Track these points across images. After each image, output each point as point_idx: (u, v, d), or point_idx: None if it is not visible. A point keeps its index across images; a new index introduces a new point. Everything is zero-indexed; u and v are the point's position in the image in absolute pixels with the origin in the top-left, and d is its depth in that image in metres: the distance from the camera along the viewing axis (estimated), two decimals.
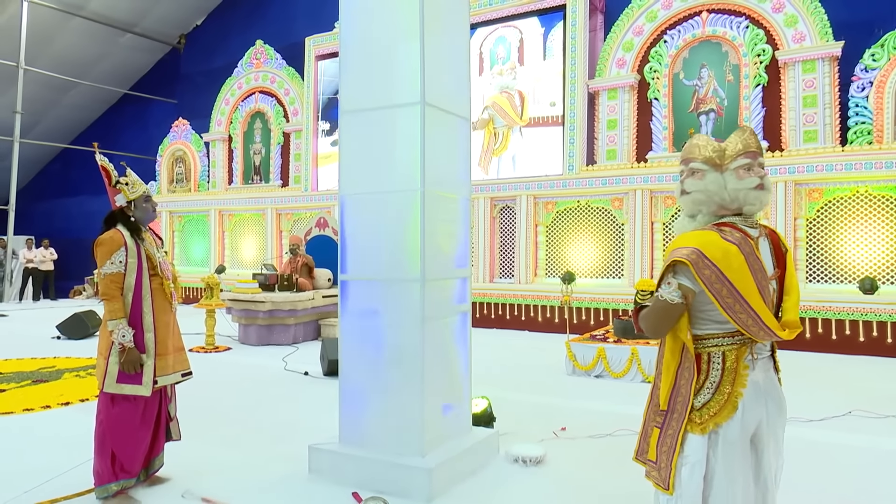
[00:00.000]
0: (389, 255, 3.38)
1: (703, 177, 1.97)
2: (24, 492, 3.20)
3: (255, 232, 13.77)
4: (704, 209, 1.99)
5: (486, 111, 10.80)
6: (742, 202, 1.95)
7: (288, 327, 8.21)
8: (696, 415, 1.90)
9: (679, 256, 1.86)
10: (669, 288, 1.88)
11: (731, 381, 1.89)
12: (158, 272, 3.18)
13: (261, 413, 4.86)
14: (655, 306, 1.92)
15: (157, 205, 3.35)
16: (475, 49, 11.08)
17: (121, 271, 3.05)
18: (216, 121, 14.34)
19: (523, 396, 5.32)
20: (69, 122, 18.42)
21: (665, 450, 1.96)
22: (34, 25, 14.64)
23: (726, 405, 1.88)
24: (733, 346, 1.91)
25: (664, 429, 1.98)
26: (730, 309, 1.84)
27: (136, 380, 3.02)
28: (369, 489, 3.17)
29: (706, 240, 1.87)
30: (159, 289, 3.18)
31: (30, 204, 19.29)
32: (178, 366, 3.26)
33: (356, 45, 3.52)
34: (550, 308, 9.56)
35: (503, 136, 10.71)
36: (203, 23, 16.49)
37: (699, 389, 1.92)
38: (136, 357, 3.02)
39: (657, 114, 9.45)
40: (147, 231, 3.28)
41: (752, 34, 8.70)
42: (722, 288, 1.82)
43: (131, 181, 3.23)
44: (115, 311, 3.02)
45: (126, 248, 3.08)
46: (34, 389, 5.61)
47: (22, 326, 10.24)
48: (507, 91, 10.71)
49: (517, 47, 10.68)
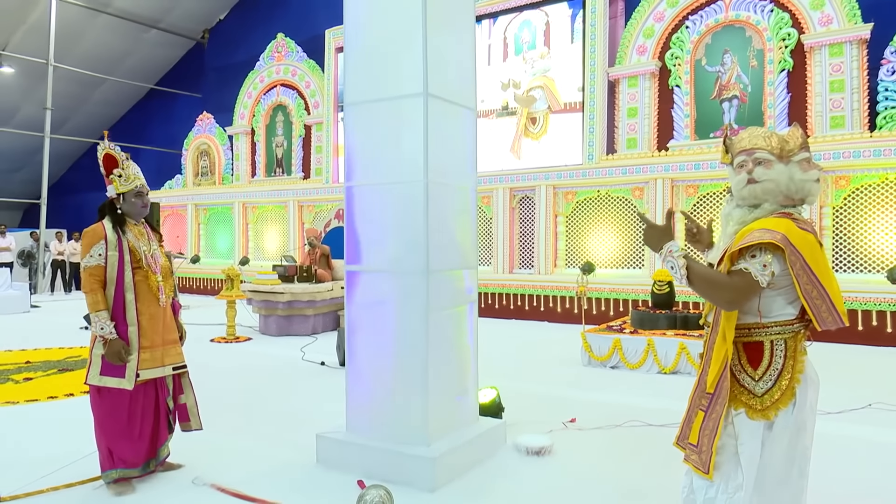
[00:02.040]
0: (394, 245, 3.39)
1: (771, 166, 1.99)
2: (42, 476, 3.30)
3: (277, 224, 13.93)
4: (771, 199, 2.00)
5: (537, 91, 10.67)
6: (806, 193, 1.99)
7: (307, 318, 8.30)
8: (758, 402, 1.93)
9: (771, 239, 1.85)
10: (763, 269, 1.88)
11: (792, 367, 1.93)
12: (143, 265, 3.15)
13: (275, 402, 4.93)
14: (740, 280, 1.89)
15: (149, 201, 3.30)
16: (499, 35, 10.96)
17: (100, 264, 3.06)
18: (239, 114, 14.50)
19: (536, 387, 5.31)
20: (98, 118, 18.79)
21: (707, 433, 1.98)
22: (63, 23, 14.94)
23: (787, 392, 1.92)
24: (793, 333, 1.95)
25: (708, 412, 1.99)
26: (808, 295, 1.87)
27: (118, 372, 3.02)
28: (375, 477, 3.20)
29: (789, 227, 1.89)
30: (143, 282, 3.15)
31: (60, 198, 19.76)
32: (168, 359, 3.22)
33: (360, 37, 3.52)
34: (570, 299, 9.50)
35: (544, 120, 10.60)
36: (226, 17, 16.65)
37: (761, 377, 1.94)
38: (118, 347, 3.01)
39: (679, 101, 9.29)
40: (139, 224, 3.25)
41: (776, 18, 8.49)
42: (804, 274, 1.86)
43: (126, 174, 3.18)
44: (94, 304, 3.03)
45: (106, 240, 3.08)
46: (59, 378, 5.77)
47: (52, 317, 10.54)
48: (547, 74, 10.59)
49: (543, 31, 10.52)
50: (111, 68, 16.89)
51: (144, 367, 3.09)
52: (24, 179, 19.32)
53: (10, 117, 17.07)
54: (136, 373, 3.05)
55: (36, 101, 16.01)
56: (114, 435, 3.08)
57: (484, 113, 11.05)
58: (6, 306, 10.98)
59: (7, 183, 19.44)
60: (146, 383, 3.16)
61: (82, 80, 16.58)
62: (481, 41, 11.10)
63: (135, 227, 3.22)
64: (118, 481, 3.12)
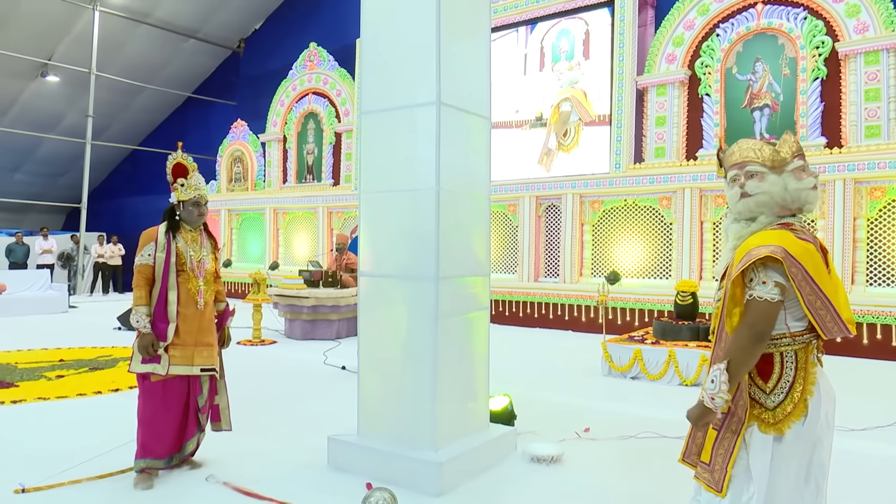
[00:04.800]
0: (405, 252, 3.44)
1: (764, 178, 1.97)
2: (64, 469, 3.42)
3: (307, 229, 14.13)
4: (767, 211, 1.98)
5: (566, 104, 10.64)
6: (803, 202, 1.98)
7: (331, 322, 8.41)
8: (770, 415, 1.90)
9: (768, 253, 1.83)
10: (766, 287, 1.85)
11: (803, 379, 1.90)
12: (186, 269, 3.36)
13: (293, 405, 5.01)
14: (757, 309, 1.86)
15: (206, 212, 3.52)
16: (535, 44, 10.89)
17: (149, 263, 3.30)
18: (272, 121, 14.79)
19: (553, 396, 5.29)
20: (138, 125, 19.36)
21: (722, 452, 1.95)
22: (105, 34, 15.47)
23: (799, 404, 1.88)
24: (803, 345, 1.92)
25: (722, 430, 1.97)
26: (811, 306, 1.85)
27: (155, 360, 3.24)
28: (383, 481, 3.24)
29: (786, 238, 1.87)
30: (185, 284, 3.36)
31: (101, 202, 20.40)
32: (199, 360, 3.36)
33: (375, 46, 3.59)
34: (594, 308, 9.43)
35: (575, 132, 10.56)
36: (261, 27, 17.02)
37: (772, 389, 1.92)
38: (148, 341, 3.22)
39: (708, 110, 9.17)
40: (195, 231, 3.47)
41: (810, 26, 8.33)
42: (806, 286, 1.84)
43: (188, 184, 3.43)
44: (137, 298, 3.29)
45: (156, 242, 3.32)
46: (90, 376, 5.96)
47: (89, 317, 10.87)
48: (575, 86, 10.53)
49: (582, 40, 10.38)
50: (151, 77, 17.40)
51: (175, 363, 3.27)
52: (66, 184, 19.99)
53: (54, 125, 17.69)
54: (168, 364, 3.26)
55: (79, 108, 16.58)
56: (144, 423, 3.28)
57: (517, 123, 11.01)
58: (45, 306, 11.37)
59: (51, 188, 20.14)
60: (179, 379, 3.34)
61: (123, 88, 17.10)
62: (516, 50, 11.05)
63: (189, 232, 3.44)
64: (144, 471, 3.27)
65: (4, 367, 6.32)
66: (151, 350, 3.22)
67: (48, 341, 8.04)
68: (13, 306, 11.00)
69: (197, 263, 3.41)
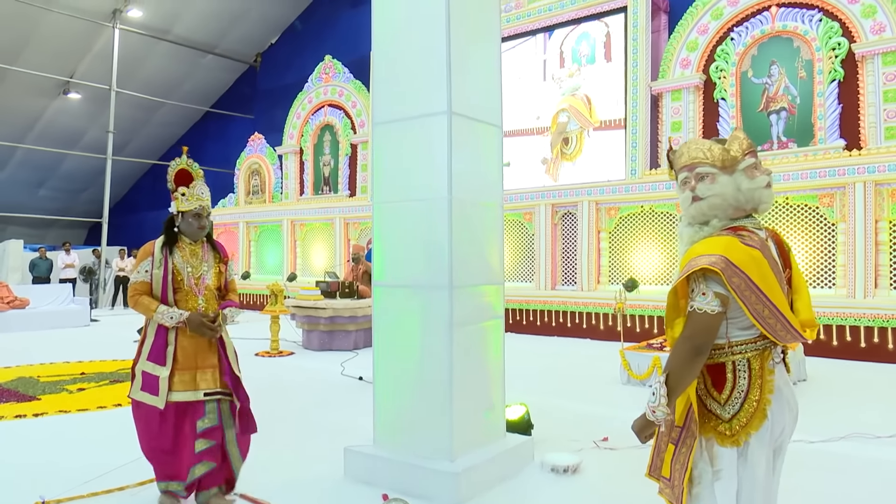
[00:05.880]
0: (420, 262, 3.44)
1: (715, 180, 1.88)
2: (84, 482, 3.45)
3: (324, 241, 14.22)
4: (720, 213, 1.89)
5: (563, 114, 10.65)
6: (757, 202, 1.89)
7: (349, 333, 8.43)
8: (726, 427, 1.82)
9: (706, 264, 1.76)
10: (706, 298, 1.78)
11: (759, 387, 1.82)
12: (183, 287, 3.07)
13: (311, 415, 5.02)
14: (696, 322, 1.79)
15: (208, 224, 3.18)
16: (555, 49, 10.85)
17: (145, 280, 3.04)
18: (288, 134, 14.94)
19: (571, 405, 5.25)
20: (157, 140, 19.67)
21: (678, 467, 1.88)
22: (125, 51, 15.77)
23: (756, 414, 1.80)
24: (757, 352, 1.84)
25: (679, 445, 1.90)
26: (758, 315, 1.77)
27: (153, 390, 2.97)
28: (399, 491, 3.23)
29: (730, 246, 1.79)
30: (183, 302, 3.06)
31: (122, 217, 20.71)
32: (203, 384, 3.04)
33: (386, 58, 3.62)
34: (612, 316, 9.35)
35: (577, 141, 10.55)
36: (277, 41, 17.25)
37: (727, 400, 1.84)
38: (197, 320, 2.98)
39: (724, 114, 9.09)
40: (196, 244, 3.16)
41: (825, 28, 8.24)
42: (751, 295, 1.76)
43: (189, 193, 3.12)
44: (147, 308, 2.99)
45: (153, 258, 3.06)
46: (110, 389, 6.03)
47: (109, 331, 11.01)
48: (576, 94, 10.54)
49: (603, 42, 10.30)
50: (170, 92, 17.68)
51: (176, 390, 2.99)
52: (88, 199, 20.34)
53: (76, 141, 18.04)
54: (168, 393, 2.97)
55: (100, 125, 16.89)
56: (149, 448, 3.08)
57: (538, 130, 10.98)
58: (67, 320, 11.54)
59: (73, 203, 20.52)
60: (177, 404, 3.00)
61: (143, 104, 17.41)
62: (535, 56, 11.05)
63: (189, 246, 3.14)
64: (166, 493, 3.11)
65: (27, 380, 6.42)
66: (206, 324, 2.98)
67: (70, 354, 8.16)
68: (36, 320, 11.19)
69: (196, 280, 3.10)
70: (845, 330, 7.58)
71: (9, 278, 14.59)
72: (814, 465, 3.74)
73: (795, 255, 8.20)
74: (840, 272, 7.91)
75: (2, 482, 3.55)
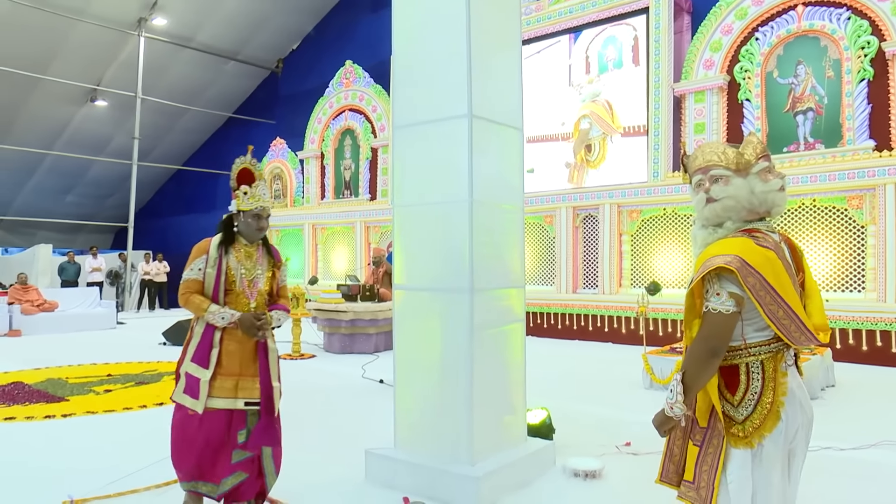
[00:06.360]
0: (440, 265, 3.44)
1: (729, 182, 1.91)
2: (111, 482, 3.50)
3: (345, 244, 14.29)
4: (734, 216, 1.91)
5: (585, 121, 10.58)
6: (771, 205, 1.90)
7: (369, 336, 8.46)
8: (739, 429, 1.83)
9: (722, 263, 1.77)
10: (720, 298, 1.79)
11: (772, 389, 1.83)
12: (235, 288, 2.94)
13: (331, 418, 5.04)
14: (711, 323, 1.80)
15: (267, 226, 3.06)
16: (580, 53, 10.76)
17: (198, 279, 2.93)
18: (310, 139, 15.06)
19: (593, 409, 5.20)
20: (181, 146, 19.96)
21: (706, 469, 1.88)
22: (150, 58, 16.04)
23: (770, 416, 1.81)
24: (770, 354, 1.85)
25: (704, 446, 1.90)
26: (773, 316, 1.78)
27: (194, 393, 2.85)
28: (420, 495, 3.23)
29: (745, 247, 1.80)
30: (233, 305, 2.93)
31: (147, 221, 21.03)
32: (243, 392, 2.90)
33: (406, 61, 3.63)
34: (634, 320, 9.26)
35: (600, 147, 10.45)
36: (298, 47, 17.40)
37: (740, 402, 1.85)
38: (249, 320, 2.86)
39: (749, 115, 8.97)
40: (252, 245, 3.03)
41: (854, 26, 8.09)
42: (766, 295, 1.76)
43: (251, 193, 3.01)
44: (198, 306, 2.88)
45: (208, 256, 2.94)
46: (136, 390, 6.11)
47: (135, 333, 11.17)
48: (596, 100, 10.47)
49: (631, 46, 10.17)
50: (193, 99, 17.94)
51: (216, 395, 2.86)
52: (114, 204, 20.70)
53: (103, 147, 18.37)
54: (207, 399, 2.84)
55: (126, 131, 17.18)
56: (180, 453, 2.93)
57: (563, 136, 10.90)
58: (94, 323, 11.74)
59: (100, 208, 20.89)
60: (218, 412, 2.87)
61: (167, 110, 17.67)
62: (561, 60, 10.98)
63: (245, 247, 3.02)
64: (190, 493, 3.00)
65: (56, 381, 6.54)
66: (257, 324, 2.86)
67: (97, 356, 8.29)
68: (65, 323, 11.40)
69: (248, 283, 2.98)
70: (875, 335, 7.42)
71: (38, 282, 14.90)
72: (843, 472, 3.66)
73: (823, 258, 8.08)
74: (870, 275, 7.74)
75: (32, 481, 3.62)
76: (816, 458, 3.86)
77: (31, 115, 16.88)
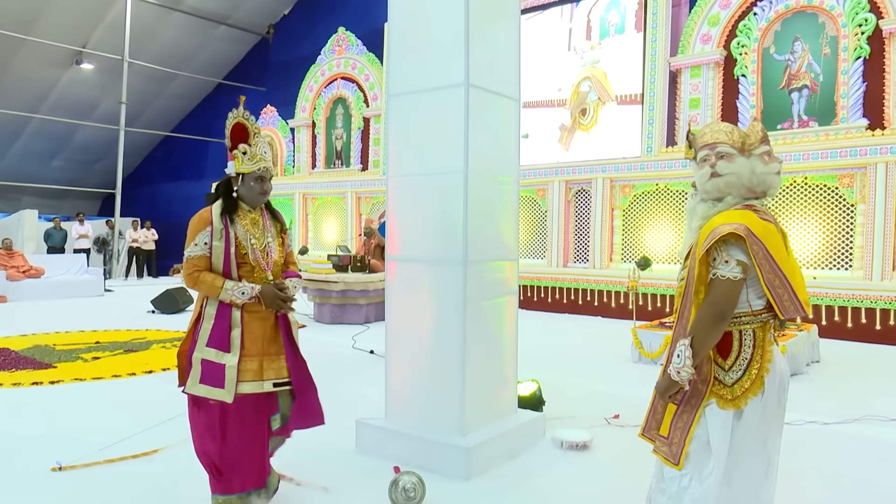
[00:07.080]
0: (434, 236, 3.41)
1: (733, 160, 2.02)
2: (100, 449, 3.49)
3: (336, 214, 14.21)
4: (734, 192, 2.03)
5: (586, 83, 10.48)
6: (768, 186, 2.04)
7: (360, 307, 8.45)
8: (728, 391, 1.96)
9: (732, 230, 1.88)
10: (729, 266, 1.90)
11: (760, 357, 1.95)
12: (248, 261, 2.62)
13: (322, 389, 4.94)
14: (719, 288, 1.90)
15: (270, 188, 2.73)
16: (581, 18, 10.60)
17: (205, 254, 2.57)
18: (301, 107, 14.85)
19: (582, 382, 5.24)
20: (170, 112, 19.63)
21: (681, 426, 2.02)
22: (137, 21, 15.66)
23: (756, 381, 1.94)
24: (761, 324, 1.97)
25: (681, 405, 2.02)
26: (770, 284, 1.90)
27: (218, 382, 2.51)
28: (410, 464, 3.24)
29: (749, 218, 1.92)
30: (249, 279, 2.61)
31: (135, 188, 20.79)
32: (269, 373, 2.63)
33: (402, 29, 3.55)
34: (624, 294, 9.31)
35: (594, 112, 10.39)
36: (290, 12, 17.05)
37: (731, 367, 1.97)
38: (271, 293, 2.59)
39: (744, 91, 8.92)
40: (254, 212, 2.70)
41: (853, 3, 8.02)
42: (766, 264, 1.89)
43: (252, 152, 2.65)
44: (212, 286, 2.54)
45: (212, 228, 2.58)
46: (124, 358, 6.09)
47: (123, 301, 11.11)
48: (597, 66, 10.36)
49: (635, 11, 9.99)
50: (182, 64, 17.59)
51: (244, 380, 2.56)
52: (101, 170, 20.40)
53: (90, 112, 18.03)
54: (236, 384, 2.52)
55: (113, 96, 16.85)
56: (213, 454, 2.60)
57: (559, 102, 10.81)
58: (82, 290, 11.66)
59: (87, 174, 20.58)
60: (248, 397, 2.59)
61: (155, 75, 17.33)
62: (561, 24, 10.81)
63: (249, 214, 2.68)
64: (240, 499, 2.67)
65: (43, 348, 6.50)
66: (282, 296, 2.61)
67: (85, 324, 8.24)
68: (51, 290, 11.31)
69: (262, 253, 2.65)
70: (861, 312, 7.51)
71: (24, 248, 14.72)
72: (828, 446, 3.73)
73: (811, 235, 8.12)
74: (857, 254, 7.80)
75: (20, 448, 3.60)
76: (801, 431, 3.92)
77: (14, 77, 16.48)
